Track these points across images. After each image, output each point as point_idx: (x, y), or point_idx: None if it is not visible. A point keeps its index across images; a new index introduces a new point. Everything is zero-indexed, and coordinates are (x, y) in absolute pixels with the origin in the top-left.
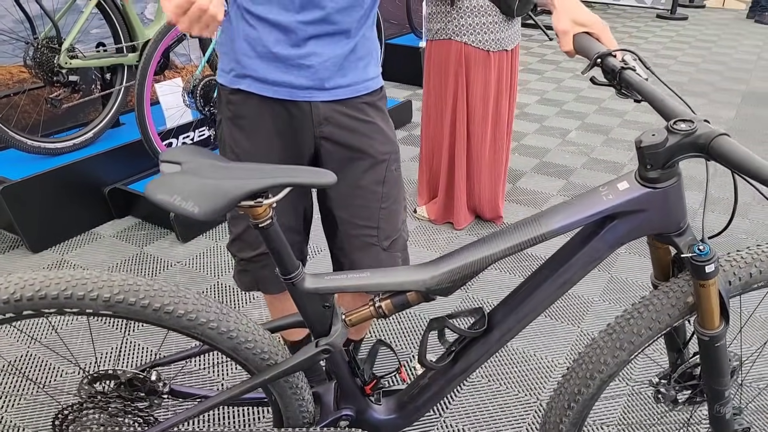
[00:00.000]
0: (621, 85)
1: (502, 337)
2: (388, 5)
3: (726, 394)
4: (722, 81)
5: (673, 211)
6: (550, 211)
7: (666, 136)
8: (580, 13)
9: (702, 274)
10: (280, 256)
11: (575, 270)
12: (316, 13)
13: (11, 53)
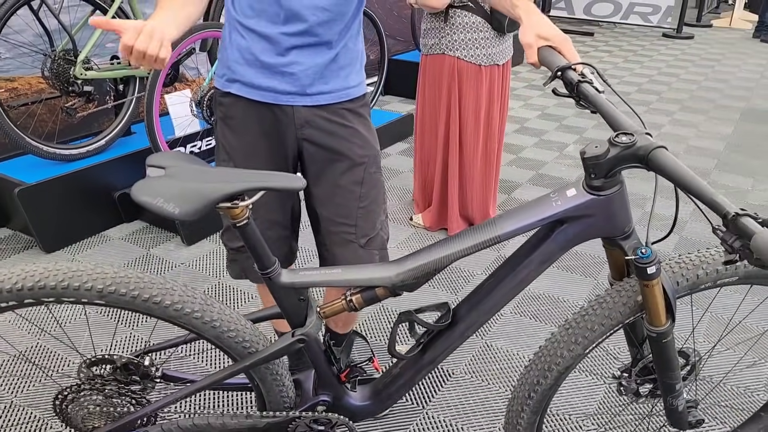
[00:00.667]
0: (579, 97)
1: (465, 331)
2: (394, 23)
3: (677, 387)
4: (723, 98)
5: (617, 217)
6: (505, 215)
7: (608, 148)
8: (544, 28)
9: (645, 275)
10: (257, 252)
11: (530, 269)
12: (299, 26)
13: (30, 65)
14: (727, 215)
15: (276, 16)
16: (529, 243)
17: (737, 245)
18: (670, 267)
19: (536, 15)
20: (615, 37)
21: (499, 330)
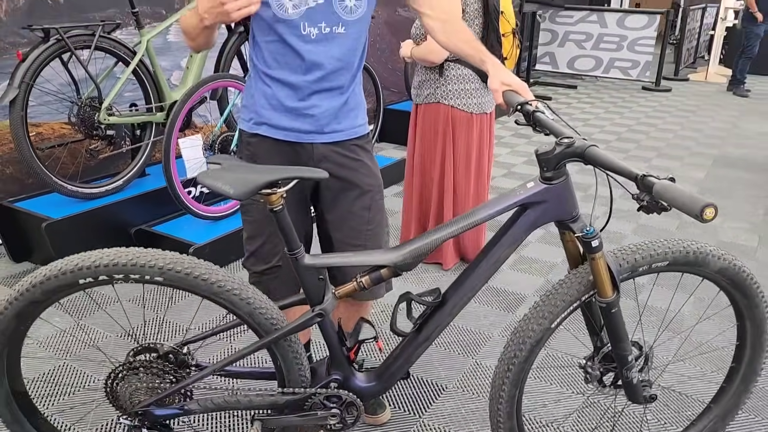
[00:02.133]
0: (534, 124)
1: (453, 308)
2: (388, 75)
3: (629, 358)
4: (697, 146)
5: (566, 202)
6: (481, 206)
7: (554, 146)
8: (507, 77)
9: (590, 248)
10: (287, 235)
11: (502, 250)
12: (318, 74)
13: (55, 111)
14: (637, 177)
15: (298, 66)
16: (499, 231)
17: (647, 198)
18: (613, 253)
19: (500, 68)
20: (597, 90)
21: (488, 350)
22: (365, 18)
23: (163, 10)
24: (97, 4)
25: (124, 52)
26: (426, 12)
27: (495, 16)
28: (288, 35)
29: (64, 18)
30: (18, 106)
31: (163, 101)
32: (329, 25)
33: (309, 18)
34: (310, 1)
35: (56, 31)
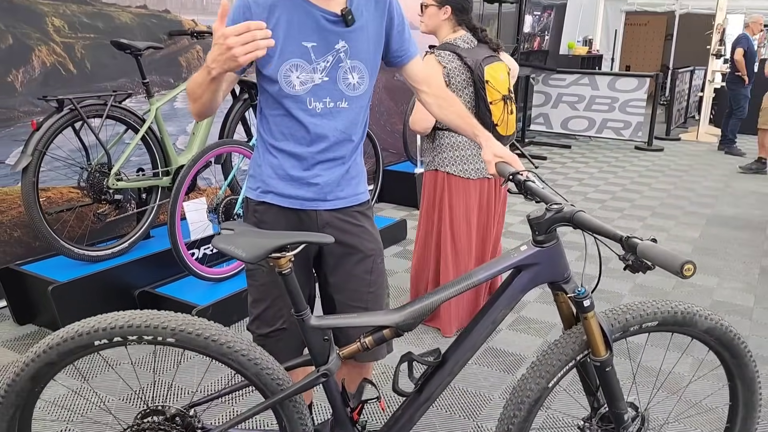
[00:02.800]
0: (525, 192)
1: (453, 367)
2: (387, 137)
3: (625, 418)
4: (691, 205)
5: (557, 264)
6: (478, 268)
7: (545, 212)
8: (499, 149)
9: (582, 308)
10: (294, 297)
11: (499, 311)
12: (322, 145)
13: (64, 176)
14: (622, 238)
15: (303, 138)
16: (496, 292)
17: (631, 258)
18: (605, 313)
19: (492, 140)
20: (591, 150)
21: (489, 412)
22: (367, 93)
23: (171, 78)
24: (109, 74)
25: (133, 119)
26: (423, 89)
27: (481, 86)
28: (294, 109)
29: (77, 87)
30: (30, 173)
31: (169, 166)
32: (333, 101)
33: (315, 94)
34: (316, 79)
35: (70, 101)
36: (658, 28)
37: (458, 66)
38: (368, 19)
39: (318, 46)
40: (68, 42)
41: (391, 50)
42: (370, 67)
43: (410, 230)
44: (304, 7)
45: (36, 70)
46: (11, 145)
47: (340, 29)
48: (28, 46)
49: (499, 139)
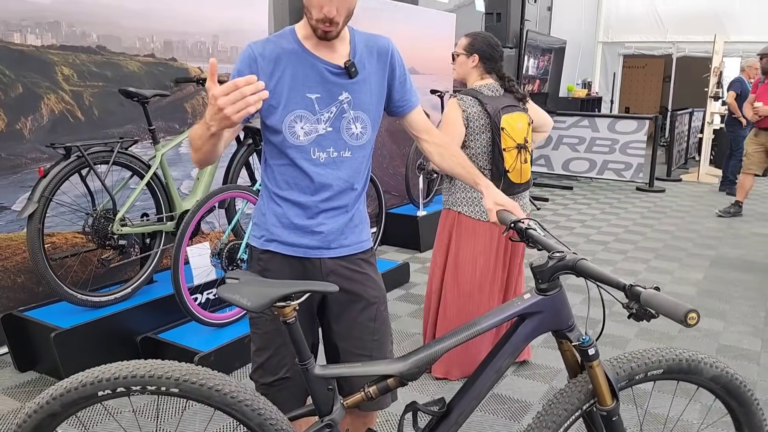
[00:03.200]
0: (527, 240)
1: (458, 417)
2: (389, 180)
3: None
4: (694, 247)
5: (561, 312)
6: (482, 316)
7: (547, 260)
8: (500, 197)
9: (587, 356)
10: (299, 346)
11: (504, 360)
12: (325, 194)
13: (69, 222)
14: (625, 286)
15: (307, 188)
16: (500, 340)
17: (635, 306)
18: (610, 362)
19: (493, 189)
20: (592, 191)
21: None
22: (370, 143)
23: (176, 124)
24: (116, 121)
25: (139, 166)
26: (424, 137)
27: (496, 132)
28: (298, 159)
29: (85, 133)
30: (36, 219)
31: (173, 211)
32: (337, 150)
33: (318, 144)
34: (320, 129)
35: (77, 148)
36: (656, 70)
37: (478, 111)
38: (370, 70)
39: (322, 98)
40: (77, 90)
41: (393, 100)
42: (372, 118)
43: (413, 273)
44: (308, 60)
45: (45, 118)
46: (18, 191)
47: (343, 81)
48: (38, 95)
49: (510, 186)
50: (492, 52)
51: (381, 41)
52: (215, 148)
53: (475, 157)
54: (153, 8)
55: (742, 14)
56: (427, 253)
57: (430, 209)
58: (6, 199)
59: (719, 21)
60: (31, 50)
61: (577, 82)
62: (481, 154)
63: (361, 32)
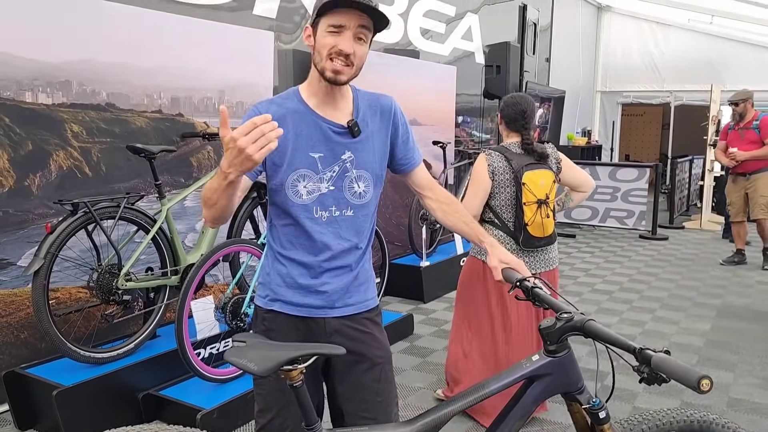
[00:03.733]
0: (533, 299)
1: None
2: (392, 230)
3: None
4: (699, 296)
5: (570, 374)
6: (491, 378)
7: (555, 322)
8: (504, 255)
9: (598, 419)
10: (305, 410)
11: (513, 422)
12: (328, 254)
13: (73, 277)
14: (635, 350)
15: (310, 247)
16: (509, 402)
17: (646, 370)
18: (620, 424)
19: (498, 247)
20: (595, 239)
21: None
22: (373, 201)
23: (182, 178)
24: (122, 176)
25: (145, 220)
26: (427, 194)
27: (518, 187)
28: (301, 218)
29: (92, 189)
30: (41, 276)
31: (178, 265)
32: (339, 209)
33: (321, 203)
34: (322, 188)
35: (85, 204)
36: (655, 117)
37: (504, 166)
38: (374, 129)
39: (325, 157)
40: (85, 146)
41: (396, 158)
42: (375, 176)
43: (417, 325)
44: (312, 119)
45: (53, 174)
46: (24, 247)
47: (346, 140)
48: (47, 152)
49: (530, 239)
50: (512, 113)
51: (384, 100)
52: (230, 201)
53: (500, 208)
54: (162, 66)
55: (738, 64)
56: (431, 304)
57: (433, 260)
58: (12, 255)
59: (715, 70)
60: (41, 108)
61: (577, 130)
62: (506, 206)
63: (364, 91)
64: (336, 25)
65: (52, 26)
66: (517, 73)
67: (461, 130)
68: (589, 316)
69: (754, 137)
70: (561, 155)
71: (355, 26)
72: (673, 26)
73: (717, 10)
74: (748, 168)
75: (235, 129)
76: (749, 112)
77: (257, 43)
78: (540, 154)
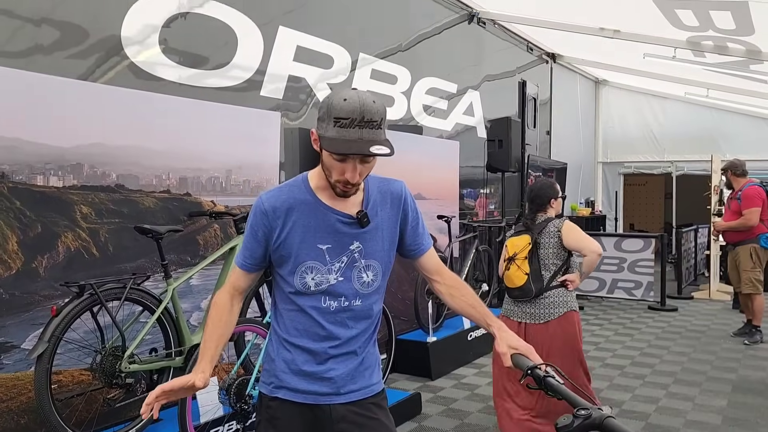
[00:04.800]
0: (546, 389)
1: None
2: (398, 304)
3: None
4: (713, 370)
5: None
6: None
7: (572, 419)
8: (513, 341)
9: None
10: None
11: None
12: (335, 341)
13: (76, 359)
14: None
15: (316, 335)
16: None
17: None
18: None
19: (506, 331)
20: (604, 311)
21: None
22: (380, 289)
23: (189, 257)
24: (129, 256)
25: (150, 301)
26: (435, 279)
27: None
28: (308, 308)
29: (98, 269)
30: (45, 360)
31: (182, 345)
32: (348, 299)
33: (329, 293)
34: (331, 279)
35: (91, 286)
36: (657, 187)
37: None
38: (383, 218)
39: (333, 248)
40: (94, 227)
41: (405, 245)
42: (384, 264)
43: (425, 404)
44: (320, 211)
45: (60, 255)
46: (29, 329)
47: (354, 230)
48: (56, 233)
49: (507, 289)
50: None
51: (395, 186)
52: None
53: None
54: (171, 147)
55: (736, 134)
56: (439, 381)
57: (440, 335)
58: (17, 337)
59: (714, 141)
60: (52, 191)
61: (581, 201)
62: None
63: (374, 177)
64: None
65: (65, 112)
66: (519, 146)
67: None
68: (608, 412)
69: (737, 207)
70: (564, 224)
71: (358, 157)
72: (670, 99)
73: (712, 84)
74: (731, 239)
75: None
76: (735, 181)
77: (264, 123)
78: (527, 226)
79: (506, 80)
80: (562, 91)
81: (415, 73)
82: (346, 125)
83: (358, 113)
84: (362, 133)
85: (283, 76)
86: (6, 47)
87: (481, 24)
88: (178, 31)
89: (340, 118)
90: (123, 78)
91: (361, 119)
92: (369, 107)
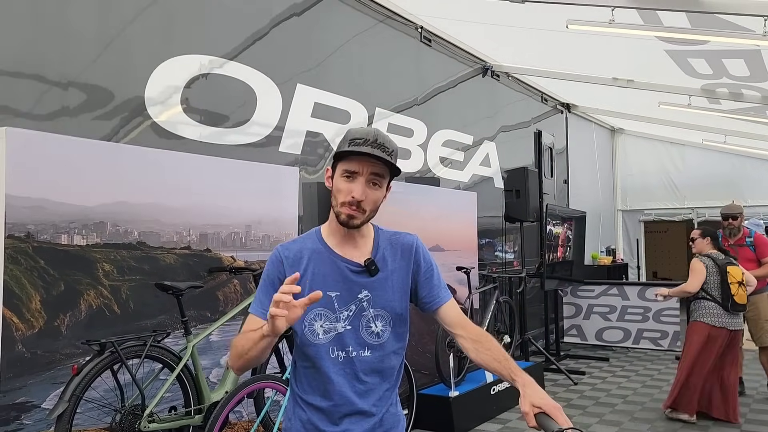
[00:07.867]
0: None
1: None
2: (419, 357)
3: None
4: (746, 424)
5: None
6: None
7: None
8: (538, 398)
9: None
10: None
11: None
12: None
13: (96, 418)
14: None
15: (326, 391)
16: None
17: None
18: None
19: (531, 387)
20: (630, 362)
21: None
22: (391, 341)
23: (209, 313)
24: (150, 312)
25: (170, 358)
26: (459, 332)
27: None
28: (317, 359)
29: (120, 326)
30: (65, 420)
31: (202, 403)
32: (356, 350)
33: (337, 342)
34: (339, 327)
35: (112, 344)
36: (679, 234)
37: (711, 264)
38: (393, 268)
39: (341, 296)
40: (115, 285)
41: (420, 296)
42: (394, 315)
43: None
44: (330, 259)
45: (82, 313)
46: (49, 389)
47: (363, 279)
48: (78, 291)
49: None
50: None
51: (406, 238)
52: (262, 353)
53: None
54: (192, 205)
55: (757, 178)
56: None
57: (462, 389)
58: (37, 397)
59: (735, 186)
60: (76, 249)
61: (601, 249)
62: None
63: (386, 230)
64: (350, 171)
65: (89, 172)
66: (537, 196)
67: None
68: None
69: (750, 255)
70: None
71: (368, 173)
72: (688, 145)
73: (728, 130)
74: None
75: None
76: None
77: (283, 179)
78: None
79: (522, 130)
80: (578, 140)
81: (431, 126)
82: (360, 143)
83: (372, 136)
84: (374, 150)
85: (301, 131)
86: (34, 110)
87: (495, 77)
88: (199, 91)
89: (356, 138)
90: (145, 137)
91: (375, 141)
92: (383, 135)
